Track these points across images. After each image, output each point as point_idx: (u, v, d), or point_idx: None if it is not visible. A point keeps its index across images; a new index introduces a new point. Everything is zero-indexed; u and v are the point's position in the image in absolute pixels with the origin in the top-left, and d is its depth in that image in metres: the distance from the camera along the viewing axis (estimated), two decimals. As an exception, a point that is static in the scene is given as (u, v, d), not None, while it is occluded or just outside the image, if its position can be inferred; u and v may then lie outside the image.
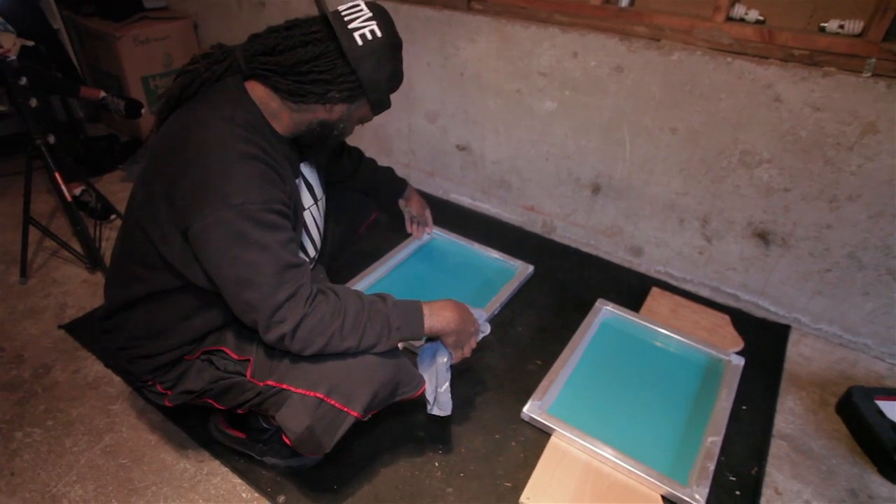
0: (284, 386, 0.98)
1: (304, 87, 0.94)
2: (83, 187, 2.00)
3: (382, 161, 1.64)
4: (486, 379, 1.47)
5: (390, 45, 0.97)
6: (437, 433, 1.32)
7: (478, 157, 2.10)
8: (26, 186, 1.68)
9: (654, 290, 1.78)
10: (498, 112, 1.95)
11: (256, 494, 1.18)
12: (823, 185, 1.45)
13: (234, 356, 1.05)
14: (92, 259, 1.76)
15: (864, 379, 1.53)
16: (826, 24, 1.35)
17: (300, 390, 0.96)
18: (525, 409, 1.35)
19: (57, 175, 1.61)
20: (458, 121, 2.07)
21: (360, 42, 0.93)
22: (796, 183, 1.49)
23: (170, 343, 1.06)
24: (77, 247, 1.81)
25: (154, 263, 0.97)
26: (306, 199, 1.16)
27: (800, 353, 1.61)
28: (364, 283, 1.72)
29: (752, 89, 1.44)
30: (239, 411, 1.09)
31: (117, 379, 1.43)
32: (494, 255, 1.90)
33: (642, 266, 1.90)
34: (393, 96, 1.05)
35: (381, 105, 1.03)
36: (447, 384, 1.15)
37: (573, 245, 2.02)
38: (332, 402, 0.96)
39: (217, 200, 0.84)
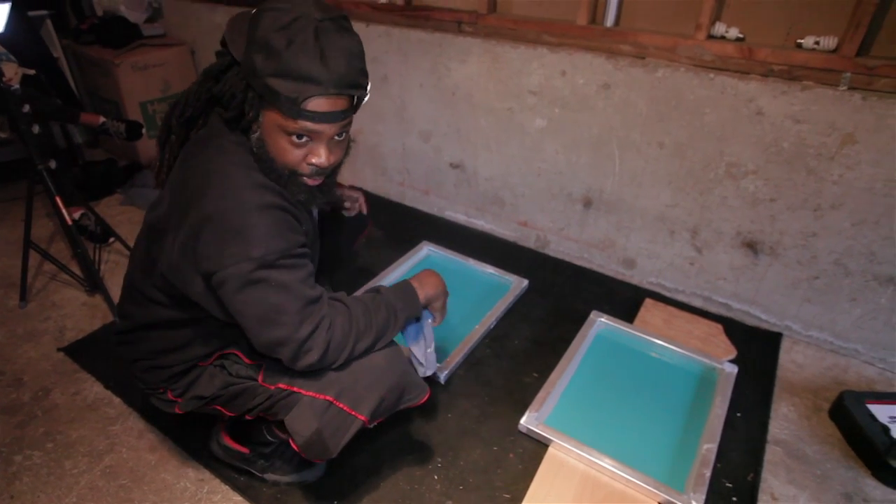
0: (295, 389, 1.00)
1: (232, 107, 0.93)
2: (83, 211, 2.02)
3: (378, 180, 1.68)
4: (483, 392, 1.48)
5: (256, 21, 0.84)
6: (437, 446, 1.33)
7: (471, 175, 2.14)
8: (27, 211, 1.71)
9: (648, 302, 1.81)
10: (490, 130, 2.00)
11: (257, 511, 1.19)
12: (807, 194, 1.49)
13: (247, 360, 1.08)
14: (91, 282, 1.78)
15: (856, 384, 1.55)
16: (802, 41, 1.40)
17: (310, 393, 0.99)
18: (522, 420, 1.36)
19: (58, 199, 1.63)
20: (451, 139, 2.11)
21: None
22: (781, 193, 1.53)
23: (186, 356, 1.09)
24: (76, 270, 1.83)
25: (178, 296, 1.00)
26: None
27: (792, 359, 1.63)
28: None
29: (735, 103, 1.49)
30: (247, 417, 1.11)
31: (117, 400, 1.44)
32: (489, 270, 1.93)
33: (635, 278, 1.93)
34: (387, 117, 1.02)
35: (274, 97, 0.83)
36: (434, 345, 1.21)
37: (567, 259, 2.05)
38: (341, 406, 0.98)
39: (238, 253, 0.86)
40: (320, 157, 0.91)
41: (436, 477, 1.26)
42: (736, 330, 1.71)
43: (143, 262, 1.05)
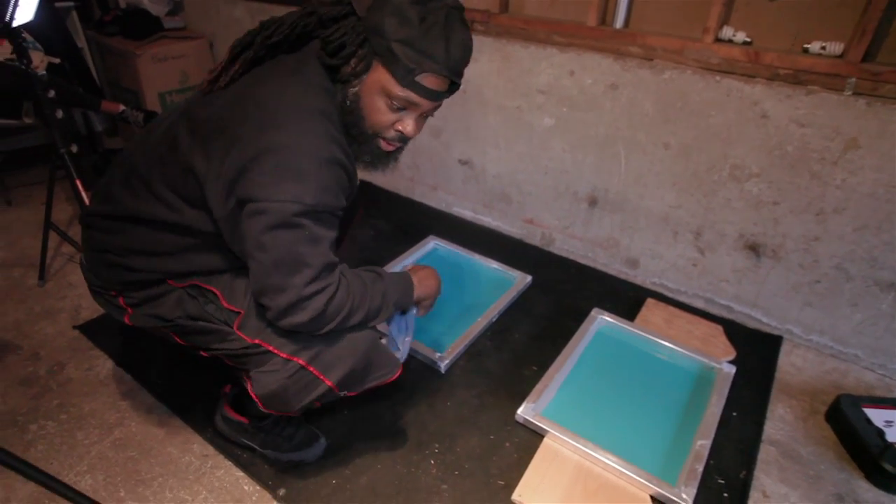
0: (271, 348, 1.00)
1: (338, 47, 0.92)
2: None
3: (388, 175, 1.70)
4: (482, 383, 1.51)
5: None
6: (435, 433, 1.36)
7: (479, 172, 2.17)
8: (49, 193, 1.77)
9: (649, 301, 1.82)
10: (499, 128, 2.03)
11: (258, 487, 1.23)
12: (810, 198, 1.50)
13: (225, 304, 1.05)
14: (107, 264, 1.84)
15: (855, 389, 1.55)
16: (809, 46, 1.42)
17: (284, 354, 0.99)
18: (519, 411, 1.39)
19: (78, 182, 1.69)
20: (460, 136, 2.14)
21: None
22: (784, 196, 1.54)
23: (163, 266, 1.04)
24: (93, 252, 1.89)
25: (194, 202, 0.96)
26: None
27: (791, 363, 1.64)
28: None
29: (741, 106, 1.51)
30: (202, 353, 1.11)
31: (128, 377, 1.49)
32: (494, 265, 1.96)
33: (638, 278, 1.95)
34: None
35: (393, 61, 0.88)
36: (412, 335, 1.26)
37: (571, 257, 2.08)
38: (312, 369, 1.00)
39: (292, 191, 0.86)
40: (408, 128, 0.96)
41: (432, 462, 1.29)
42: (737, 332, 1.72)
43: (162, 152, 0.99)
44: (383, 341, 1.17)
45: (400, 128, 0.96)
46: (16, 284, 1.84)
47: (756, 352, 1.65)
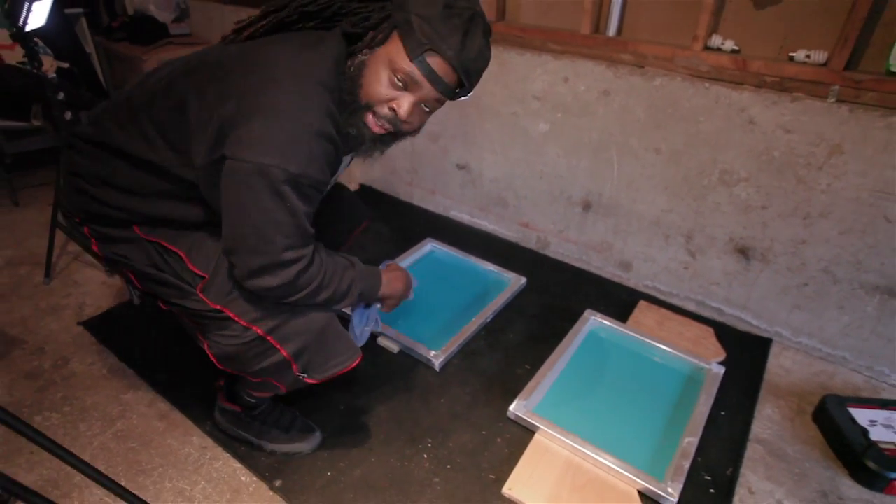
0: (232, 315, 1.01)
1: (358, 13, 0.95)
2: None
3: (387, 179, 1.73)
4: (475, 381, 1.55)
5: None
6: (428, 428, 1.39)
7: (476, 176, 2.22)
8: (56, 193, 1.81)
9: (642, 304, 1.86)
10: (495, 133, 2.07)
11: (255, 478, 1.26)
12: (797, 202, 1.54)
13: (190, 266, 1.05)
14: (111, 263, 1.88)
15: (842, 390, 1.58)
16: (794, 54, 1.46)
17: (243, 322, 1.01)
18: (511, 407, 1.42)
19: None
20: (458, 141, 2.19)
21: None
22: (772, 200, 1.58)
23: (130, 206, 1.03)
24: (98, 251, 1.94)
25: (177, 145, 0.96)
26: None
27: (780, 364, 1.67)
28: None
29: (729, 112, 1.55)
30: (162, 305, 1.12)
31: (130, 371, 1.53)
32: (490, 267, 1.99)
33: (631, 281, 1.98)
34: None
35: (408, 32, 0.89)
36: (372, 326, 1.31)
37: (566, 260, 2.11)
38: (270, 339, 1.03)
39: (278, 157, 0.86)
40: (402, 107, 0.94)
41: (425, 456, 1.32)
42: (727, 334, 1.75)
43: (159, 89, 0.98)
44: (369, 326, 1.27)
45: (394, 105, 0.94)
46: (22, 282, 1.88)
47: (745, 353, 1.68)
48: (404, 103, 0.93)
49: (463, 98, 1.01)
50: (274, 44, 0.96)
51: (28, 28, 1.58)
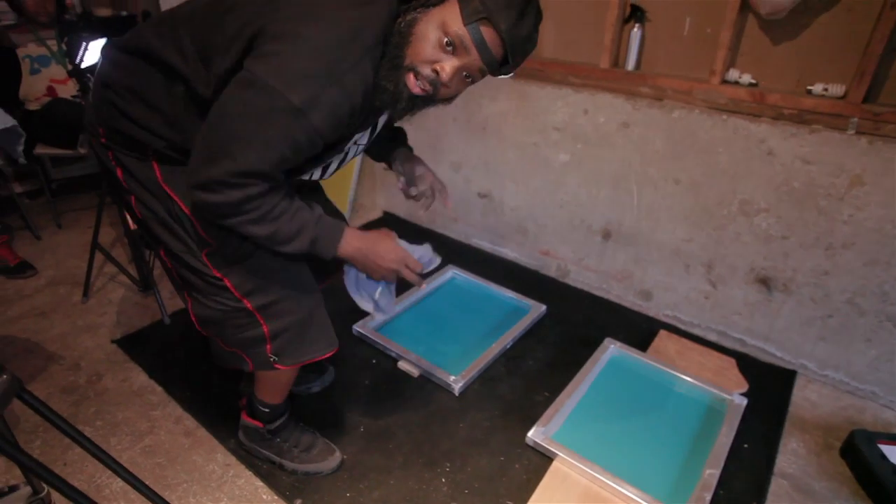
0: (229, 285, 1.07)
1: None
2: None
3: (409, 206, 1.73)
4: (495, 407, 1.55)
5: None
6: (447, 452, 1.40)
7: (498, 205, 2.26)
8: (98, 216, 1.91)
9: (662, 333, 1.85)
10: (517, 163, 2.12)
11: (276, 497, 1.28)
12: (819, 233, 1.54)
13: (200, 231, 1.05)
14: (144, 283, 1.97)
15: (872, 426, 1.54)
16: (812, 87, 1.48)
17: (237, 293, 1.07)
18: (530, 434, 1.42)
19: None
20: (479, 171, 2.25)
21: None
22: (793, 231, 1.58)
23: (153, 125, 1.01)
24: (133, 272, 2.02)
25: (207, 62, 0.94)
26: (363, 138, 1.14)
27: (806, 397, 1.64)
28: (385, 315, 1.85)
29: (747, 144, 1.57)
30: (163, 255, 1.14)
31: (159, 389, 1.58)
32: (510, 294, 2.02)
33: (651, 310, 1.98)
34: (421, 148, 1.00)
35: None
36: (380, 288, 1.19)
37: (586, 288, 2.12)
38: (256, 314, 1.09)
39: (286, 84, 0.84)
40: (446, 70, 0.92)
41: (443, 480, 1.33)
42: (750, 365, 1.73)
43: (206, 3, 0.97)
44: (376, 296, 1.18)
45: (438, 67, 0.92)
46: (62, 300, 1.98)
47: (769, 385, 1.66)
48: (448, 66, 0.92)
49: (502, 76, 0.98)
50: None
51: (84, 65, 1.70)
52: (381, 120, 1.13)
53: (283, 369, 1.16)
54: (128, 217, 1.84)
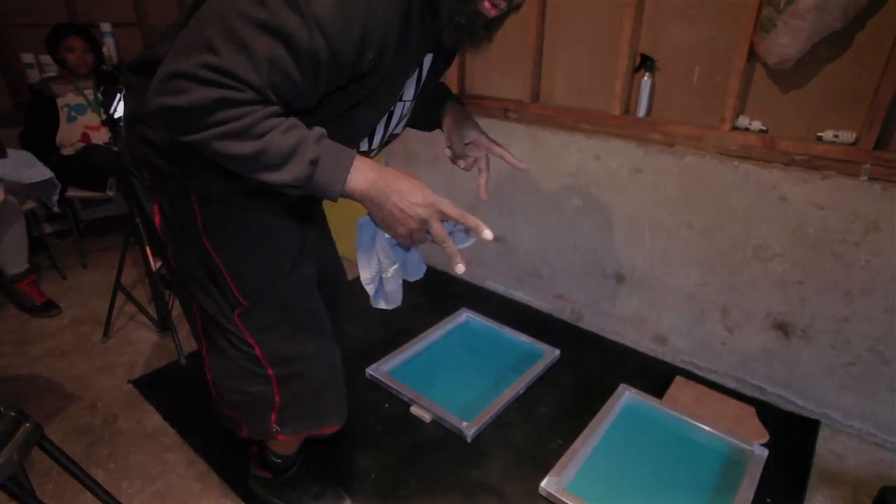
0: (259, 353, 1.03)
1: None
2: (161, 262, 2.30)
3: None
4: (507, 454, 1.53)
5: None
6: (459, 500, 1.37)
7: (512, 248, 2.28)
8: (121, 256, 1.97)
9: (678, 379, 1.81)
10: (530, 207, 2.15)
11: (283, 545, 1.26)
12: (836, 278, 1.52)
13: (234, 290, 0.99)
14: (163, 323, 2.00)
15: (903, 481, 1.47)
16: (822, 134, 1.49)
17: (265, 361, 1.03)
18: (543, 483, 1.39)
19: (147, 248, 1.89)
20: (494, 214, 2.27)
21: None
22: (809, 276, 1.56)
23: (183, 161, 0.90)
24: (152, 312, 2.06)
25: None
26: (407, 92, 0.96)
27: (832, 449, 1.58)
28: (398, 359, 1.86)
29: (759, 189, 1.58)
30: (195, 308, 1.07)
31: (172, 431, 1.59)
32: (523, 338, 2.01)
33: (667, 355, 1.95)
34: (436, 190, 0.85)
35: None
36: (395, 268, 0.92)
37: (600, 333, 2.10)
38: (273, 383, 1.05)
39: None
40: None
41: (454, 530, 1.30)
42: (771, 414, 1.68)
43: None
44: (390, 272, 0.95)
45: None
46: (83, 339, 2.02)
47: (791, 435, 1.60)
48: None
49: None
50: None
51: (116, 115, 1.79)
52: (427, 63, 0.95)
53: (284, 437, 1.13)
54: (150, 257, 1.90)
